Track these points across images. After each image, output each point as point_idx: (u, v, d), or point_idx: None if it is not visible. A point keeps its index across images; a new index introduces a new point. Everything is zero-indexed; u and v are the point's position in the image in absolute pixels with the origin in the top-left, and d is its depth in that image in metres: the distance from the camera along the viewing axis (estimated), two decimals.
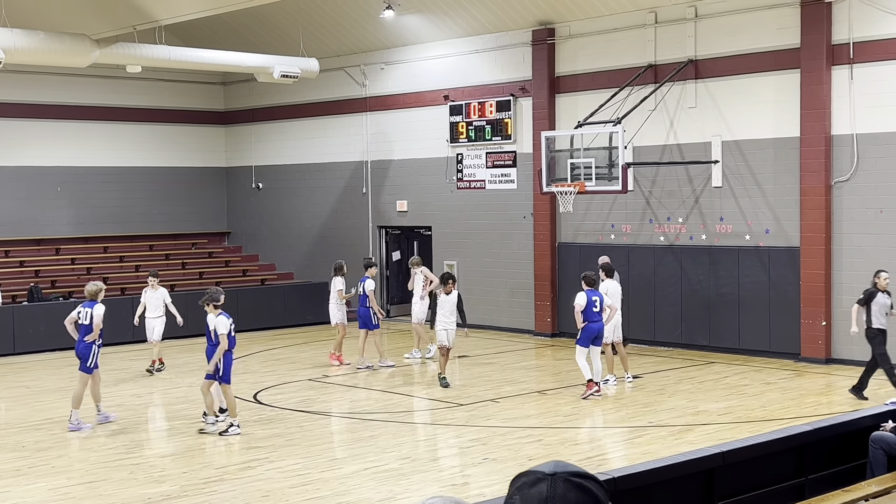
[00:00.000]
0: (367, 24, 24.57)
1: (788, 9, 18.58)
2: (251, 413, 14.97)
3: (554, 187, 19.18)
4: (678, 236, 20.46)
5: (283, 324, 24.76)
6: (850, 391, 15.37)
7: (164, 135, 28.54)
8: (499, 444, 12.86)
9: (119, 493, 10.89)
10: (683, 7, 19.97)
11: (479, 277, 23.79)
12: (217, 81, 29.38)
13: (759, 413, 14.41)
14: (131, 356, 20.86)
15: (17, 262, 25.32)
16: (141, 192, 28.08)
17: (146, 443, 13.20)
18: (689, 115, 20.03)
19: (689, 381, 17.14)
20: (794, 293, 18.79)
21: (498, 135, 23.13)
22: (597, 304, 15.60)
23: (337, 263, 19.41)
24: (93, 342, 13.90)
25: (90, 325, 13.86)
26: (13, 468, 12.00)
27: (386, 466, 11.79)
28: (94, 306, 13.98)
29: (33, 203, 26.36)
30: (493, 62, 23.21)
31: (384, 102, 25.54)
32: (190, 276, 26.71)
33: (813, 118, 18.29)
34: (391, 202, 25.68)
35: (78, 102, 26.93)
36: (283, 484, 11.09)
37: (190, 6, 20.15)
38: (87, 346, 13.89)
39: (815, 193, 18.39)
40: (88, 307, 14.01)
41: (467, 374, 18.22)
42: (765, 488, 8.01)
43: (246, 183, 29.25)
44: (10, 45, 19.40)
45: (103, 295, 14.34)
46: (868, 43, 17.75)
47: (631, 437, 13.36)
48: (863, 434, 8.88)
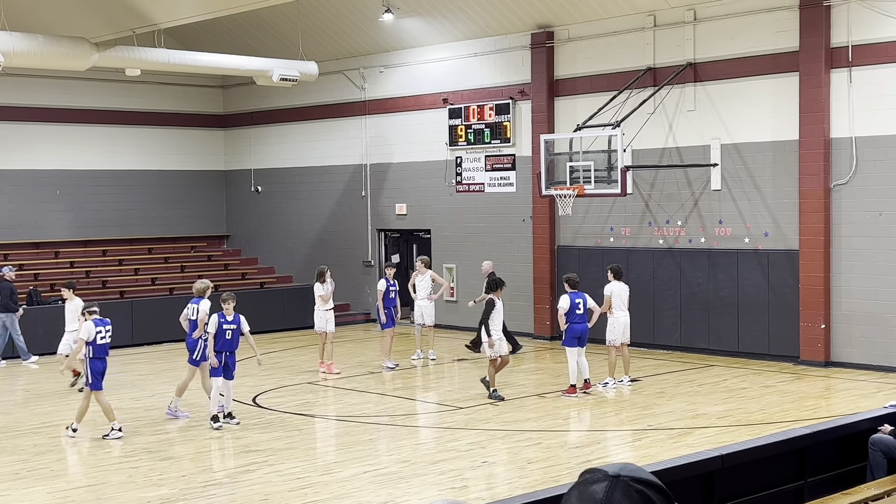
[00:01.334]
0: (366, 28, 24.58)
1: (787, 12, 18.59)
2: (250, 417, 14.96)
3: (553, 190, 19.18)
4: (677, 239, 20.46)
5: (282, 327, 24.75)
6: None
7: (163, 138, 28.54)
8: (498, 447, 12.85)
9: (118, 496, 10.88)
10: (682, 10, 19.98)
11: (478, 281, 23.76)
12: (216, 85, 29.38)
13: (758, 416, 14.41)
14: (128, 359, 20.86)
15: (17, 266, 25.28)
16: (140, 195, 28.08)
17: (145, 446, 13.19)
18: (688, 118, 20.04)
19: (688, 383, 17.13)
20: (793, 296, 18.79)
21: (497, 138, 23.13)
22: (580, 307, 15.90)
23: (319, 269, 18.99)
24: (199, 337, 14.56)
25: (196, 319, 14.65)
26: (12, 472, 11.99)
27: (385, 470, 11.78)
28: (200, 303, 14.80)
29: (32, 206, 26.36)
30: (492, 65, 23.22)
31: (383, 106, 25.55)
32: (189, 280, 26.59)
33: (812, 121, 18.30)
34: (390, 205, 25.69)
35: (77, 106, 26.92)
36: (282, 487, 11.09)
37: (189, 9, 20.15)
38: (195, 341, 14.65)
39: (814, 196, 18.39)
40: (195, 303, 14.84)
41: (466, 378, 18.21)
42: (764, 491, 8.01)
43: (245, 186, 29.25)
44: (10, 49, 19.40)
45: (210, 292, 15.09)
46: (867, 46, 17.76)
47: (630, 440, 13.35)
48: (862, 437, 8.88)
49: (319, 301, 18.71)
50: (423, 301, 19.78)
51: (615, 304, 16.62)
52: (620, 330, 16.62)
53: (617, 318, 16.61)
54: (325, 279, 18.69)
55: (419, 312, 19.84)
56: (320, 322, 18.68)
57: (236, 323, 14.34)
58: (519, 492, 10.36)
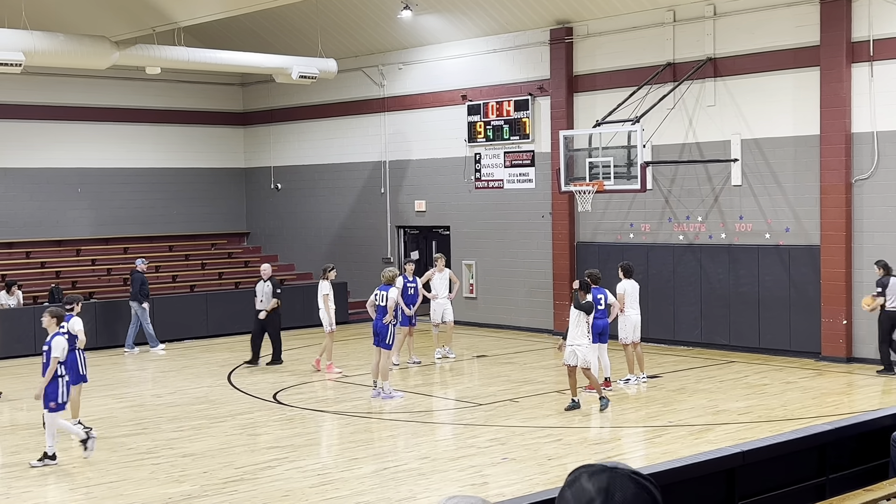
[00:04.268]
0: (384, 25, 24.59)
1: (808, 6, 18.48)
2: (271, 413, 15.01)
3: (572, 186, 19.14)
4: (697, 235, 20.38)
5: (302, 324, 24.80)
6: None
7: (183, 136, 28.66)
8: (518, 443, 12.85)
9: (140, 492, 10.93)
10: (702, 5, 19.90)
11: (497, 277, 23.78)
12: (236, 82, 29.47)
13: (779, 412, 14.35)
14: (149, 356, 20.97)
15: (39, 263, 25.47)
16: (161, 193, 28.21)
17: (166, 442, 13.26)
18: (708, 113, 19.96)
19: (708, 380, 17.08)
20: (815, 292, 18.69)
21: (516, 134, 23.10)
22: (601, 302, 15.88)
23: (324, 267, 18.68)
24: (389, 322, 15.63)
25: (385, 306, 15.66)
26: (35, 469, 12.06)
27: (405, 466, 11.80)
28: (389, 290, 15.80)
29: (54, 204, 26.52)
30: (510, 61, 23.19)
31: (402, 102, 25.56)
32: (209, 277, 26.80)
33: (833, 116, 18.19)
34: (409, 202, 25.70)
35: (97, 104, 27.06)
36: (303, 483, 11.12)
37: (208, 7, 20.22)
38: (385, 326, 15.64)
39: (836, 191, 18.29)
40: (384, 290, 15.84)
41: (486, 374, 18.21)
42: (786, 488, 7.97)
43: (265, 183, 29.34)
44: (31, 48, 19.52)
45: (401, 281, 16.58)
46: (888, 40, 17.64)
47: (651, 437, 13.32)
48: (884, 433, 8.83)
49: (323, 300, 18.35)
50: (444, 300, 19.67)
51: (627, 303, 16.57)
52: (631, 328, 16.56)
53: (628, 317, 16.55)
54: (327, 277, 18.35)
55: (439, 311, 19.69)
56: (327, 321, 18.32)
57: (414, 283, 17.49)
58: (539, 488, 10.35)
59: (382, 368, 15.84)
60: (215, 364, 19.76)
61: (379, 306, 15.89)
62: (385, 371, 15.86)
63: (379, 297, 15.93)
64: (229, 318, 23.86)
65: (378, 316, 15.88)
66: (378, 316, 15.88)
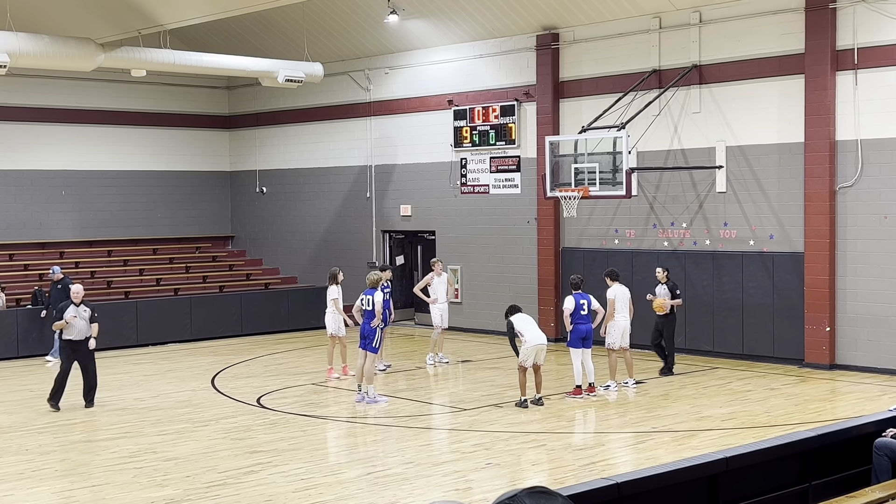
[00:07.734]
0: (371, 29, 24.59)
1: (793, 14, 18.57)
2: (254, 417, 14.97)
3: (558, 192, 19.17)
4: (682, 241, 20.44)
5: (287, 328, 24.78)
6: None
7: (168, 139, 28.59)
8: (502, 448, 12.84)
9: (122, 496, 10.88)
10: (688, 12, 19.96)
11: (482, 282, 23.80)
12: (221, 86, 29.42)
13: (762, 419, 14.39)
14: (133, 360, 20.88)
15: (22, 266, 25.36)
16: (145, 195, 28.14)
17: (149, 446, 13.20)
18: (694, 120, 20.03)
19: (692, 386, 17.12)
20: (798, 298, 18.76)
21: (502, 139, 23.13)
22: (585, 308, 16.02)
23: (331, 271, 18.52)
24: (377, 326, 15.81)
25: (373, 310, 15.84)
26: (17, 472, 12.01)
27: (389, 471, 11.78)
28: (373, 294, 15.93)
29: (38, 206, 26.42)
30: (497, 67, 23.22)
31: (388, 107, 25.56)
32: (194, 280, 26.72)
33: (817, 123, 18.27)
34: (395, 206, 25.69)
35: (82, 106, 26.97)
36: (287, 488, 11.09)
37: (194, 11, 20.17)
38: (373, 329, 15.85)
39: (820, 199, 18.37)
40: (369, 294, 15.96)
41: (471, 379, 18.20)
42: (768, 494, 8.00)
43: (250, 187, 29.28)
44: (16, 49, 19.44)
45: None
46: (873, 48, 17.74)
47: (634, 443, 13.34)
48: (867, 440, 8.86)
49: (332, 304, 18.20)
50: (444, 304, 19.62)
51: (617, 308, 16.63)
52: (619, 333, 16.63)
53: (617, 322, 16.63)
54: (337, 281, 18.23)
55: (440, 315, 19.54)
56: (333, 325, 18.26)
57: None
58: None
59: (367, 372, 15.86)
60: (199, 368, 19.70)
61: (366, 310, 16.01)
62: (370, 375, 15.92)
63: (365, 302, 16.05)
64: (213, 322, 23.82)
65: (365, 320, 16.00)
66: (365, 320, 16.00)
